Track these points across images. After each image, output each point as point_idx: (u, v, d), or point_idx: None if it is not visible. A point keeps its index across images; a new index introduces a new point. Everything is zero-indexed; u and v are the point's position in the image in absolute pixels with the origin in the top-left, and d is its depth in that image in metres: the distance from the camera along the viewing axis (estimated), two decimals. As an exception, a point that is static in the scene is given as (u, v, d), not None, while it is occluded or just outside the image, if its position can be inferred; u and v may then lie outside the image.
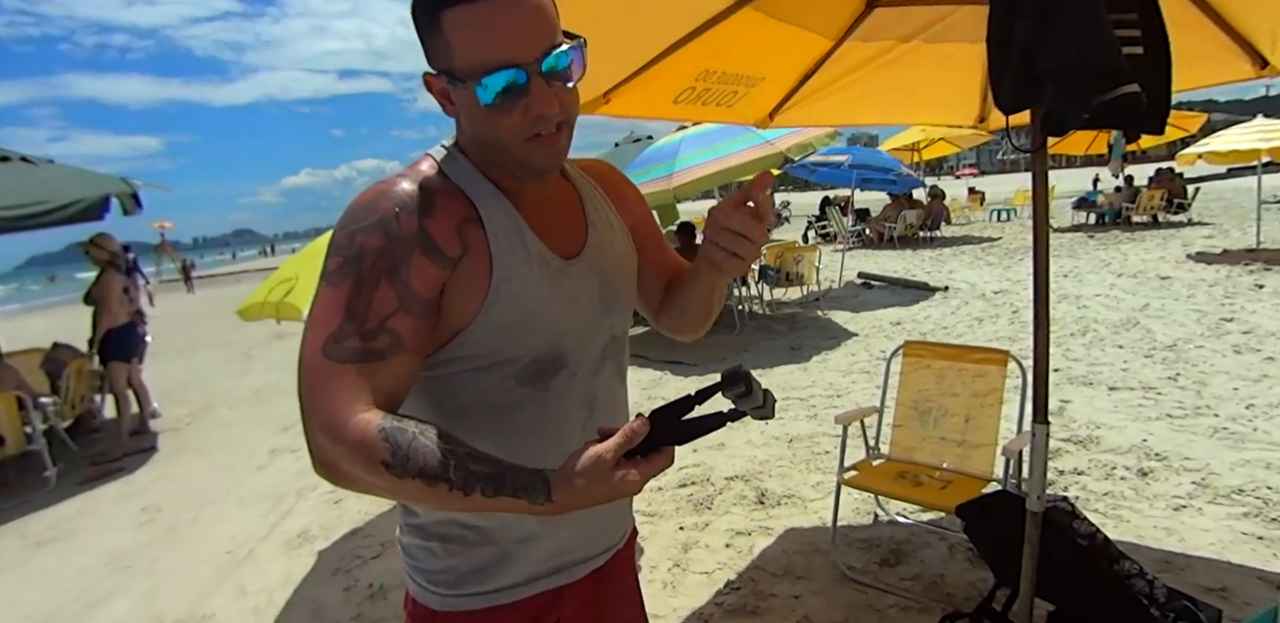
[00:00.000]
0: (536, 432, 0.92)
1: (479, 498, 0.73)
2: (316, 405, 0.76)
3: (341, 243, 0.81)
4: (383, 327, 0.79)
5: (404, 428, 0.74)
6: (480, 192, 0.88)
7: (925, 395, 2.77)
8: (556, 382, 0.92)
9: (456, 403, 0.90)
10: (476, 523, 0.93)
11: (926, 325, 6.53)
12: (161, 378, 7.10)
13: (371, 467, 0.73)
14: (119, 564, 3.38)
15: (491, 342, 0.86)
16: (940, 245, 12.75)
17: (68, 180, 5.25)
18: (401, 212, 0.81)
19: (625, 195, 1.09)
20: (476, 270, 0.84)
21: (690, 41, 2.03)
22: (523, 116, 0.80)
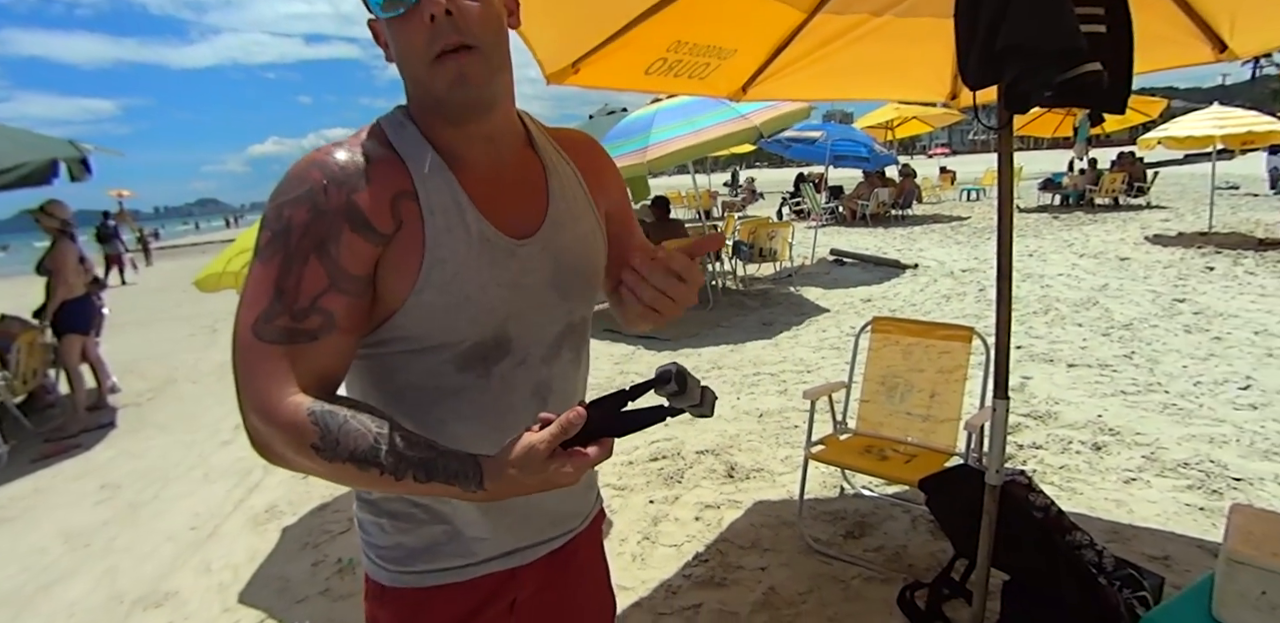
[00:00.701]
0: (479, 419, 0.88)
1: (411, 483, 0.72)
2: (248, 387, 0.75)
3: (270, 216, 0.78)
4: (313, 306, 0.76)
5: (334, 411, 0.73)
6: (421, 162, 0.82)
7: (893, 371, 2.81)
8: (501, 368, 0.88)
9: (394, 384, 0.87)
10: (426, 502, 0.92)
11: (896, 302, 6.61)
12: (121, 352, 6.92)
13: (302, 450, 0.72)
14: (77, 543, 3.31)
15: (425, 325, 0.82)
16: (911, 224, 12.87)
17: (10, 142, 4.97)
18: (330, 183, 0.77)
19: (605, 175, 1.02)
20: (410, 248, 0.80)
21: (661, 10, 1.98)
22: (419, 24, 0.75)
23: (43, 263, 5.32)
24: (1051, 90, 1.46)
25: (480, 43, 0.77)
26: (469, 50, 0.77)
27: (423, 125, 0.84)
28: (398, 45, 0.79)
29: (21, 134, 5.24)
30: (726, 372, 4.86)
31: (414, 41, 0.76)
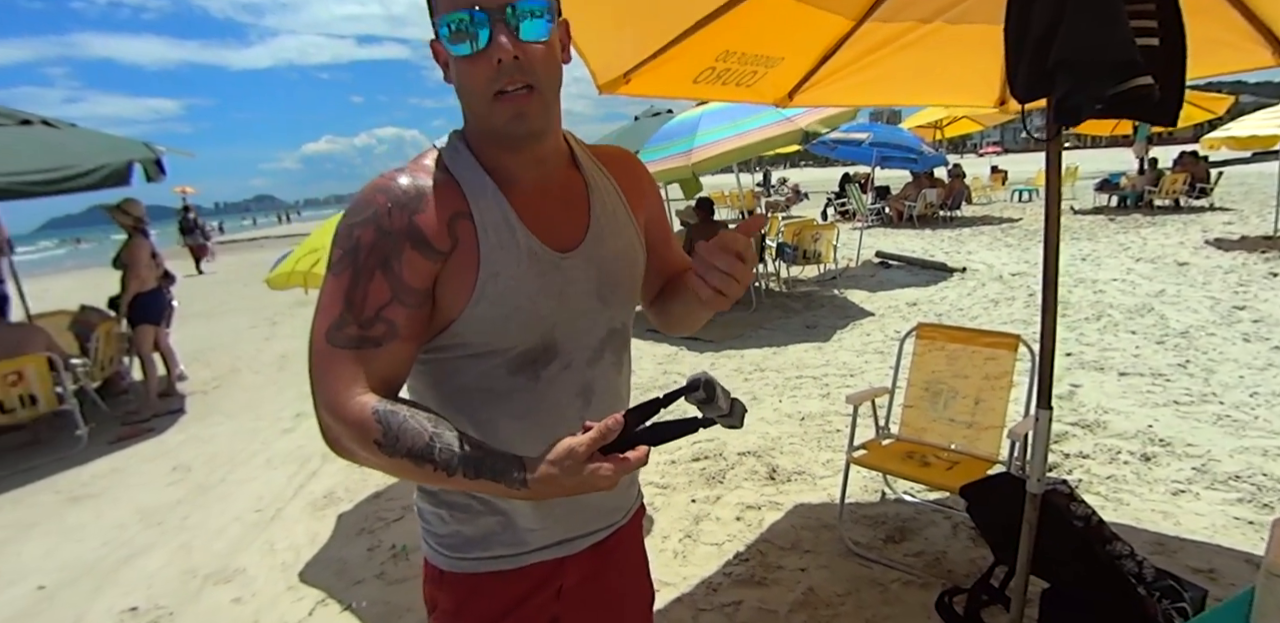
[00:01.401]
0: (528, 418, 0.95)
1: (460, 479, 0.78)
2: (321, 387, 0.84)
3: (342, 235, 0.87)
4: (378, 316, 0.84)
5: (396, 411, 0.80)
6: (475, 184, 0.90)
7: (937, 377, 2.82)
8: (549, 371, 0.95)
9: (452, 386, 0.95)
10: (478, 494, 0.99)
11: (942, 307, 6.53)
12: (188, 342, 7.29)
13: (366, 444, 0.80)
14: (152, 520, 3.54)
15: (481, 333, 0.90)
16: (960, 225, 12.62)
17: (91, 145, 5.30)
18: (393, 206, 0.85)
19: (643, 189, 1.09)
20: (466, 264, 0.88)
21: (710, 22, 2.02)
22: (486, 65, 0.81)
23: (119, 257, 5.66)
24: (1102, 103, 1.48)
25: (539, 83, 0.84)
26: (529, 90, 0.84)
27: (477, 150, 0.92)
28: (461, 79, 0.86)
29: (101, 137, 5.57)
30: (769, 374, 4.89)
31: (478, 79, 0.83)
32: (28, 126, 5.27)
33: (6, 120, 5.23)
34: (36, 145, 5.01)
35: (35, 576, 3.09)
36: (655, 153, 6.26)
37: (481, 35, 0.80)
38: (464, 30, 0.81)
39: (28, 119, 5.37)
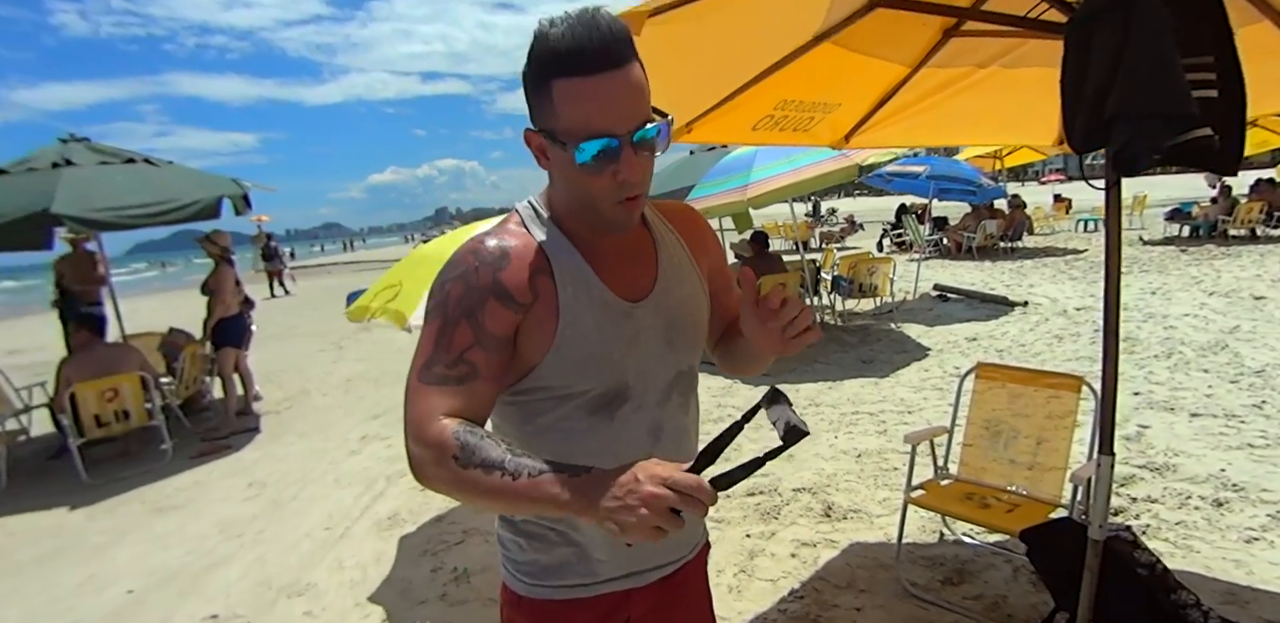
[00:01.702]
0: (603, 454, 0.99)
1: (525, 480, 0.82)
2: (410, 416, 0.93)
3: (436, 289, 0.99)
4: (461, 358, 0.94)
5: (475, 431, 0.89)
6: (555, 245, 1.01)
7: (997, 416, 2.79)
8: (623, 412, 1.04)
9: (535, 426, 1.05)
10: (557, 526, 1.08)
11: (1003, 342, 6.39)
12: (261, 363, 7.67)
13: (445, 460, 0.87)
14: (231, 532, 3.76)
15: (561, 377, 1.00)
16: (1021, 257, 12.31)
17: (187, 181, 5.78)
18: (480, 265, 0.97)
19: (704, 241, 1.18)
20: (546, 315, 0.98)
21: (770, 75, 2.12)
22: (611, 181, 0.91)
23: (206, 284, 6.07)
24: (1161, 154, 1.51)
25: (645, 189, 0.96)
26: (638, 196, 0.96)
27: (560, 215, 1.03)
28: (584, 184, 0.94)
29: (196, 174, 6.06)
30: (824, 409, 4.88)
31: (602, 188, 0.93)
32: (132, 165, 5.77)
33: (113, 159, 5.76)
34: (140, 181, 5.49)
35: (126, 580, 3.32)
36: (711, 188, 6.39)
37: (609, 155, 0.89)
38: (598, 153, 0.89)
39: (132, 157, 5.89)
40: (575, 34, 0.84)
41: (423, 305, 2.54)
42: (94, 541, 3.85)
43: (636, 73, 0.89)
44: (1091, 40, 1.44)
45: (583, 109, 0.87)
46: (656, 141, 0.93)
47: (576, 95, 0.86)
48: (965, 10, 1.98)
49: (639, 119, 0.89)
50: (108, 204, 4.94)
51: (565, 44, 0.85)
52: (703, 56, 1.90)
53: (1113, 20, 1.40)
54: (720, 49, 1.90)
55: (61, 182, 5.01)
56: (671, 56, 1.71)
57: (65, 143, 5.87)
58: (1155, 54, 1.39)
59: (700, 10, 1.32)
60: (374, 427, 5.54)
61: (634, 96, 0.89)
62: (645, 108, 0.91)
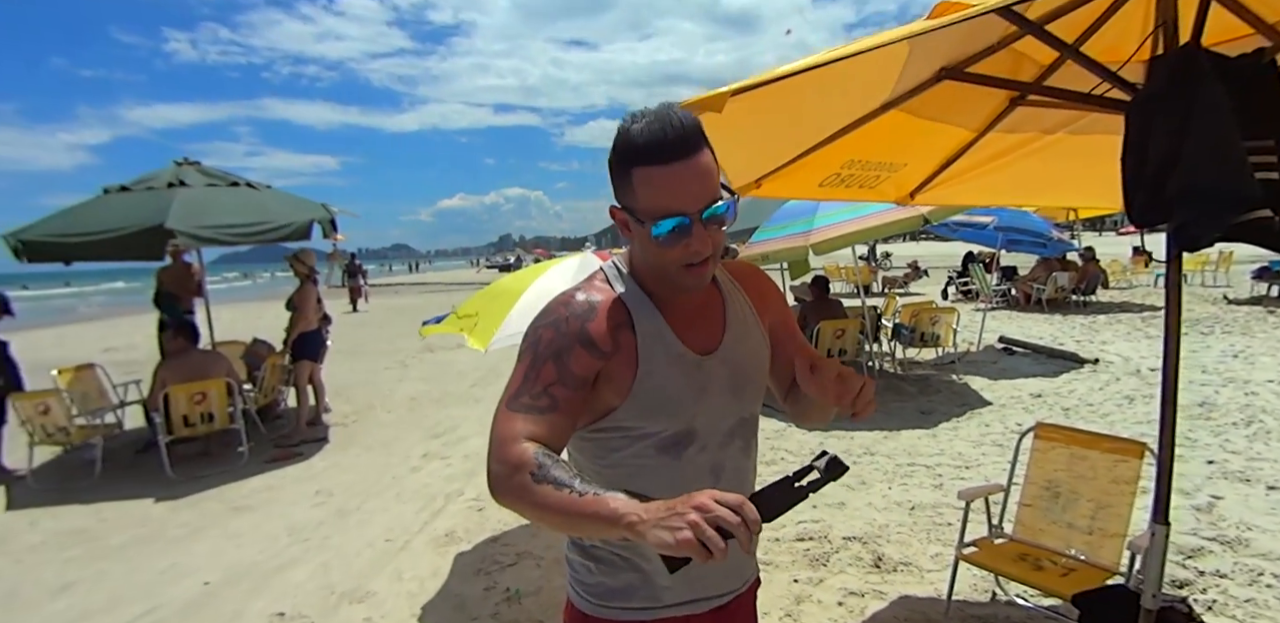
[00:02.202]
0: (667, 490, 1.07)
1: (590, 497, 0.91)
2: (494, 438, 1.06)
3: (530, 332, 1.15)
4: (545, 392, 1.08)
5: (549, 454, 1.01)
6: (636, 302, 1.15)
7: (1056, 478, 2.76)
8: (689, 452, 1.15)
9: (608, 460, 1.18)
10: (625, 553, 1.19)
11: (1070, 401, 6.20)
12: (330, 377, 8.04)
13: (522, 477, 0.98)
14: (299, 536, 3.98)
15: (636, 419, 1.12)
16: (1094, 311, 11.87)
17: (284, 205, 6.27)
18: (570, 315, 1.12)
19: (767, 297, 1.31)
20: (626, 364, 1.11)
21: (838, 138, 2.23)
22: (683, 252, 1.05)
23: (291, 300, 6.49)
24: (1221, 232, 1.55)
25: (714, 255, 1.10)
26: (706, 262, 1.09)
27: (640, 276, 1.18)
28: (659, 252, 1.08)
29: (290, 198, 6.55)
30: (879, 459, 4.83)
31: (674, 256, 1.07)
32: (235, 187, 6.31)
33: (219, 181, 6.31)
34: (242, 203, 6.00)
35: (203, 572, 3.56)
36: (775, 231, 6.50)
37: (682, 231, 1.04)
38: (671, 230, 1.04)
39: (235, 181, 6.44)
40: (652, 129, 1.00)
41: (500, 335, 2.74)
42: (175, 533, 4.13)
43: (705, 159, 1.04)
44: (1153, 120, 1.50)
45: (658, 193, 1.02)
46: (725, 217, 1.07)
47: (653, 181, 1.02)
48: (1028, 85, 2.07)
49: (708, 199, 1.03)
50: (214, 222, 5.43)
51: (644, 138, 1.00)
52: (776, 122, 2.03)
53: (1174, 102, 1.45)
54: (792, 115, 2.02)
55: (175, 200, 5.53)
56: (747, 122, 1.85)
57: (179, 165, 6.46)
58: (1217, 135, 1.43)
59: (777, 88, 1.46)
60: (435, 446, 5.77)
61: (703, 181, 1.03)
62: (714, 189, 1.05)
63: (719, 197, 1.06)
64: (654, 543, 0.82)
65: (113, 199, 5.83)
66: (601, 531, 0.93)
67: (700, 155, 1.03)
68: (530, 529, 3.84)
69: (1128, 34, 1.91)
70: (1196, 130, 1.45)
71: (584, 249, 17.30)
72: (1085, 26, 1.90)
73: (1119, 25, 1.92)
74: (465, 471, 5.03)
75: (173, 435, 5.19)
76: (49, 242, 5.25)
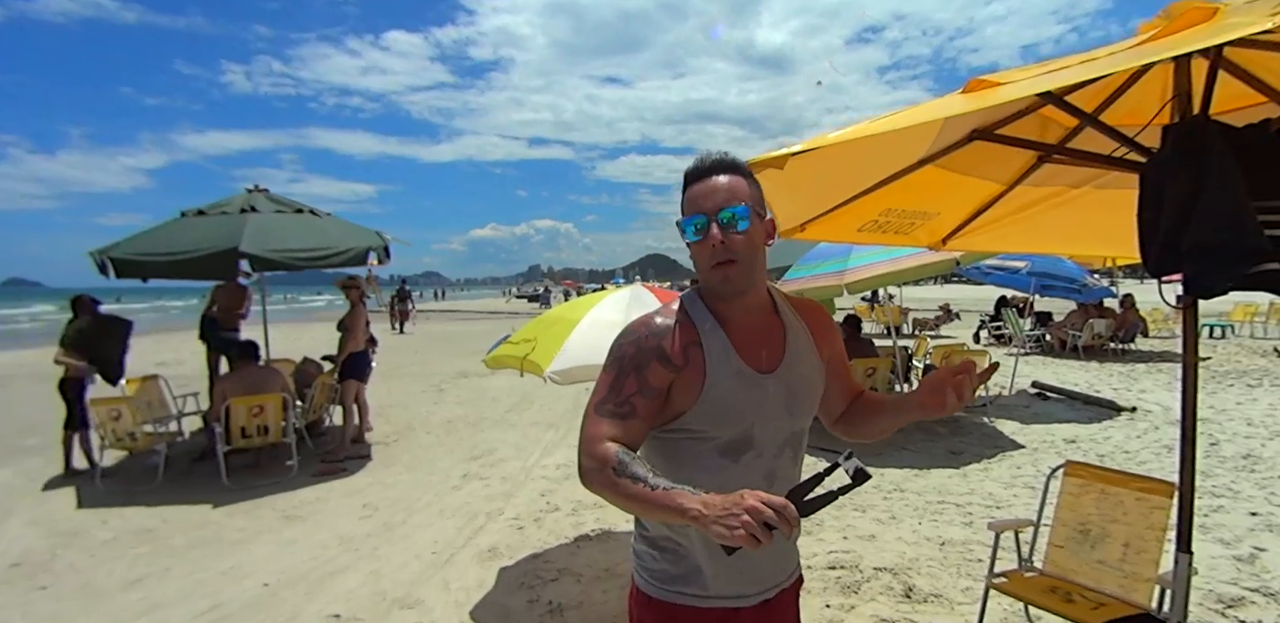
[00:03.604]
0: (725, 489, 1.13)
1: (661, 492, 1.13)
2: (584, 437, 1.28)
3: (614, 349, 1.36)
4: (627, 400, 1.30)
5: (629, 452, 1.23)
6: (704, 323, 1.34)
7: (1086, 517, 2.84)
8: (746, 458, 1.32)
9: (676, 460, 1.36)
10: (683, 544, 1.37)
11: (1105, 447, 6.18)
12: (370, 398, 8.35)
13: (605, 470, 1.21)
14: (349, 546, 4.17)
15: (701, 424, 1.30)
16: (1133, 360, 11.73)
17: (344, 232, 6.64)
18: (649, 334, 1.34)
19: (826, 331, 1.48)
20: (694, 377, 1.29)
21: (876, 190, 2.43)
22: (705, 247, 1.27)
23: (343, 322, 6.82)
24: (1233, 281, 1.69)
25: (740, 258, 1.30)
26: (733, 263, 1.30)
27: (706, 300, 1.39)
28: (693, 255, 1.34)
29: (349, 226, 6.92)
30: (909, 496, 4.89)
31: (702, 256, 1.31)
32: (300, 214, 6.71)
33: (286, 208, 6.72)
34: (306, 229, 6.38)
35: (261, 574, 3.76)
36: (808, 270, 6.69)
37: (703, 228, 1.30)
38: (695, 225, 1.30)
39: (300, 208, 6.84)
40: (698, 161, 1.34)
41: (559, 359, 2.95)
42: (233, 536, 4.36)
43: (733, 180, 1.31)
44: (1166, 182, 1.67)
45: (689, 201, 1.31)
46: (739, 218, 1.28)
47: (688, 194, 1.32)
48: (1053, 146, 2.26)
49: (725, 204, 1.28)
50: (281, 246, 5.80)
51: (691, 167, 1.34)
52: (822, 176, 2.24)
53: (1186, 166, 1.63)
54: (837, 170, 2.24)
55: (248, 225, 5.93)
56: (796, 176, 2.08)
57: (251, 193, 6.91)
58: (1225, 196, 1.57)
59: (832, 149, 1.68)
60: (474, 467, 5.96)
61: (724, 191, 1.30)
62: (734, 199, 1.29)
63: (738, 204, 1.28)
64: (714, 535, 1.02)
65: (190, 222, 6.26)
66: (669, 519, 1.16)
67: (728, 176, 1.31)
68: (570, 548, 3.99)
69: (1148, 99, 2.11)
70: (1206, 191, 1.61)
71: (612, 282, 17.00)
72: (1107, 94, 2.11)
73: (1140, 92, 2.12)
74: (504, 491, 5.21)
75: (230, 446, 5.47)
76: (134, 259, 5.67)
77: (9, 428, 7.75)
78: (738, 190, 1.30)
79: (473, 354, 14.13)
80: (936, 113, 1.46)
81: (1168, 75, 1.87)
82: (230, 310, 7.33)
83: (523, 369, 3.20)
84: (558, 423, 7.72)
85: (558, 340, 3.13)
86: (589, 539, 4.14)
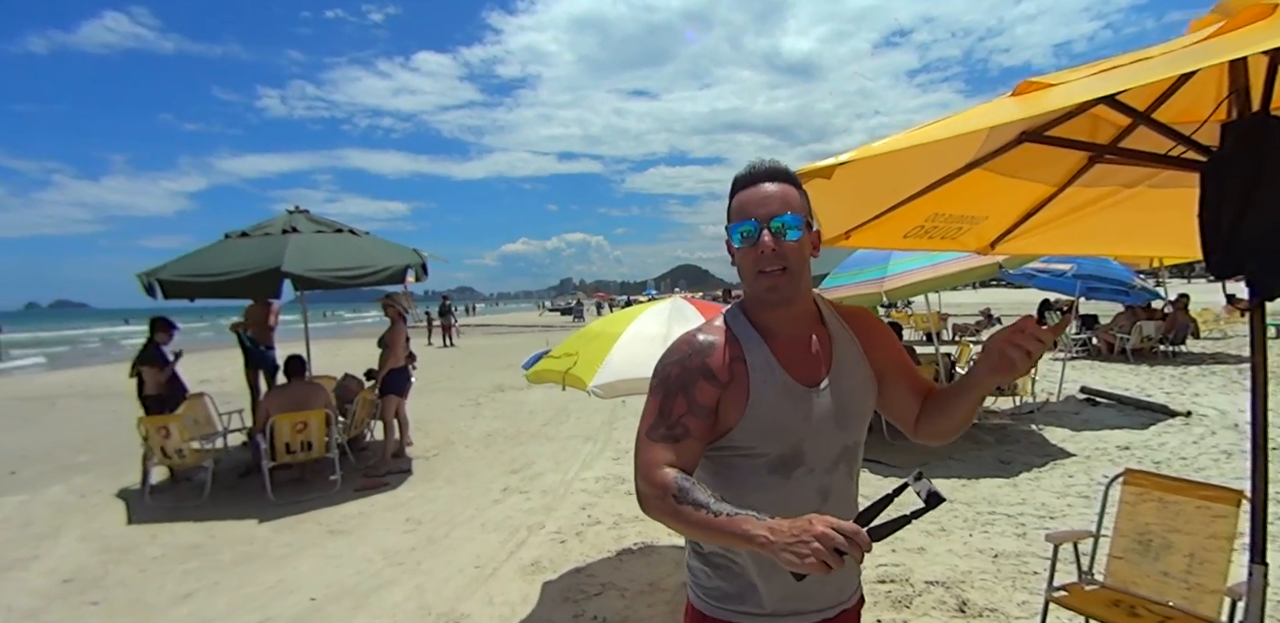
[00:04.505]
0: (776, 507, 1.15)
1: (724, 518, 1.10)
2: (639, 463, 1.27)
3: (659, 370, 1.34)
4: (678, 422, 1.28)
5: (688, 478, 1.21)
6: (748, 339, 1.32)
7: (1147, 527, 2.74)
8: (797, 474, 1.29)
9: (726, 476, 1.34)
10: (738, 562, 1.34)
11: (1161, 454, 5.95)
12: (409, 413, 8.45)
13: (665, 498, 1.19)
14: (393, 560, 4.21)
15: (749, 440, 1.28)
16: (1185, 363, 11.30)
17: (382, 251, 6.78)
18: (693, 352, 1.32)
19: (874, 337, 1.43)
20: (740, 393, 1.27)
21: (924, 195, 2.38)
22: (753, 253, 1.25)
23: (383, 338, 6.92)
24: None
25: (790, 266, 1.28)
26: (782, 271, 1.28)
27: (750, 313, 1.36)
28: (739, 262, 1.32)
29: (387, 245, 7.06)
30: (958, 507, 4.76)
31: (748, 262, 1.29)
32: (340, 234, 6.86)
33: (326, 228, 6.88)
34: (345, 248, 6.53)
35: (308, 588, 3.82)
36: (846, 278, 6.60)
37: (752, 235, 1.27)
38: (744, 232, 1.28)
39: (340, 228, 7.00)
40: (747, 169, 1.32)
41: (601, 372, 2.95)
42: (279, 552, 4.43)
43: (784, 188, 1.29)
44: (1226, 181, 1.62)
45: (738, 208, 1.29)
46: (788, 229, 1.25)
47: (736, 200, 1.30)
48: (1105, 147, 2.19)
49: (777, 212, 1.26)
50: (322, 266, 5.94)
51: (742, 174, 1.32)
52: (869, 182, 2.20)
53: (1246, 164, 1.58)
54: (884, 178, 2.19)
55: (290, 245, 6.08)
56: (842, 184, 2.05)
57: (291, 214, 7.09)
58: None
59: (879, 158, 1.65)
60: (514, 480, 5.98)
61: (776, 199, 1.27)
62: (784, 206, 1.27)
63: (790, 212, 1.26)
64: (784, 563, 1.00)
65: (234, 243, 6.45)
66: (735, 545, 1.16)
67: (779, 185, 1.29)
68: (613, 562, 3.97)
69: (1203, 96, 2.04)
70: (1268, 190, 1.56)
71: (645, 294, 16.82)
72: (1160, 92, 2.05)
73: (1194, 89, 2.05)
74: (544, 505, 5.21)
75: (275, 461, 5.58)
76: (181, 281, 5.85)
77: (60, 446, 8.04)
78: (790, 199, 1.28)
79: (508, 368, 14.30)
80: (986, 120, 1.43)
81: (1223, 71, 1.81)
82: (262, 325, 7.49)
83: (565, 383, 3.20)
84: (595, 436, 7.72)
85: (600, 355, 3.13)
86: (631, 553, 4.11)
